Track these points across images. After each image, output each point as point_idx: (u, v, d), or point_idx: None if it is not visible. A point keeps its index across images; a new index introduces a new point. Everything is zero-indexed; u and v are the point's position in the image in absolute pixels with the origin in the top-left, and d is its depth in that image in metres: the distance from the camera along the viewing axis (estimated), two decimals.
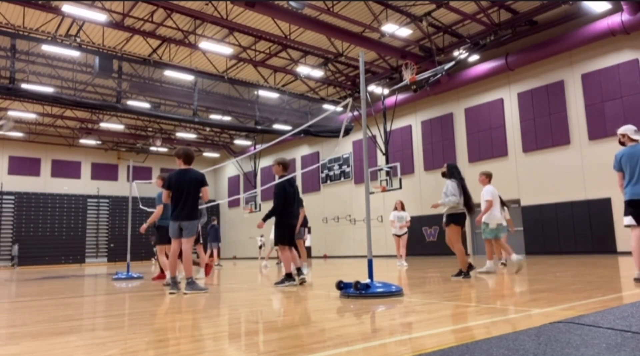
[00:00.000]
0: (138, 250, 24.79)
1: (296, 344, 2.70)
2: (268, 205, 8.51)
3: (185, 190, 6.09)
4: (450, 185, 7.15)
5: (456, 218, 7.11)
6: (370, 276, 5.15)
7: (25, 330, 3.58)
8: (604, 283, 5.74)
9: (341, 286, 5.15)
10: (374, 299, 4.71)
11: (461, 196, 7.07)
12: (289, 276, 6.77)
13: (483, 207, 8.20)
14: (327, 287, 6.46)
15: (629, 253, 13.75)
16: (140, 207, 13.22)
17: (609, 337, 2.42)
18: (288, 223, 6.90)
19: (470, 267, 7.00)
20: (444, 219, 7.20)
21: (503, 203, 8.96)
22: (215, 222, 16.11)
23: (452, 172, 7.31)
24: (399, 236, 11.63)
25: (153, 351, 2.68)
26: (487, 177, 8.40)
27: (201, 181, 6.23)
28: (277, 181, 6.97)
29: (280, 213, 6.84)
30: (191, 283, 6.00)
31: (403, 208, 11.77)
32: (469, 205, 7.20)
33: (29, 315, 4.55)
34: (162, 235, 7.87)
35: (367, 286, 4.95)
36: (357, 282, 4.95)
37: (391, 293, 4.94)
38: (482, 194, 8.29)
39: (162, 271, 8.78)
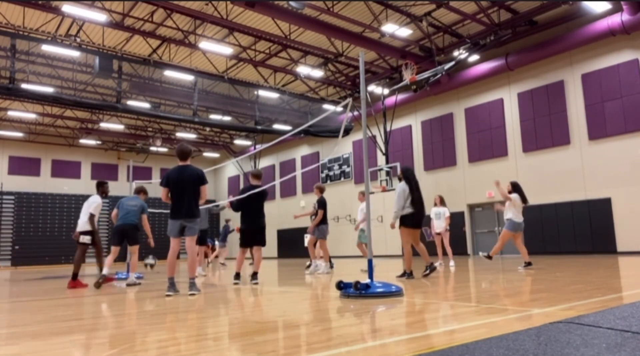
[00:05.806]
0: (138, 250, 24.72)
1: (296, 344, 2.70)
2: (268, 206, 8.73)
3: (185, 187, 5.92)
4: (397, 188, 7.57)
5: (403, 220, 7.43)
6: (370, 276, 5.15)
7: (25, 330, 3.58)
8: (604, 283, 5.74)
9: (341, 286, 5.15)
10: (374, 299, 4.71)
11: (408, 198, 7.37)
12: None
13: (360, 218, 10.54)
14: (327, 287, 6.46)
15: (629, 253, 13.76)
16: None
17: (609, 337, 2.42)
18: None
19: (432, 266, 7.52)
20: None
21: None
22: (229, 223, 17.76)
23: (405, 175, 7.64)
24: (438, 233, 10.94)
25: (153, 351, 2.68)
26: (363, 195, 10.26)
27: (201, 178, 6.03)
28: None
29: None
30: (193, 284, 5.87)
31: (442, 203, 10.97)
32: (416, 205, 7.36)
33: (29, 315, 4.55)
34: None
35: (367, 286, 4.95)
36: (357, 282, 4.95)
37: (391, 293, 4.95)
38: (359, 210, 10.69)
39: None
